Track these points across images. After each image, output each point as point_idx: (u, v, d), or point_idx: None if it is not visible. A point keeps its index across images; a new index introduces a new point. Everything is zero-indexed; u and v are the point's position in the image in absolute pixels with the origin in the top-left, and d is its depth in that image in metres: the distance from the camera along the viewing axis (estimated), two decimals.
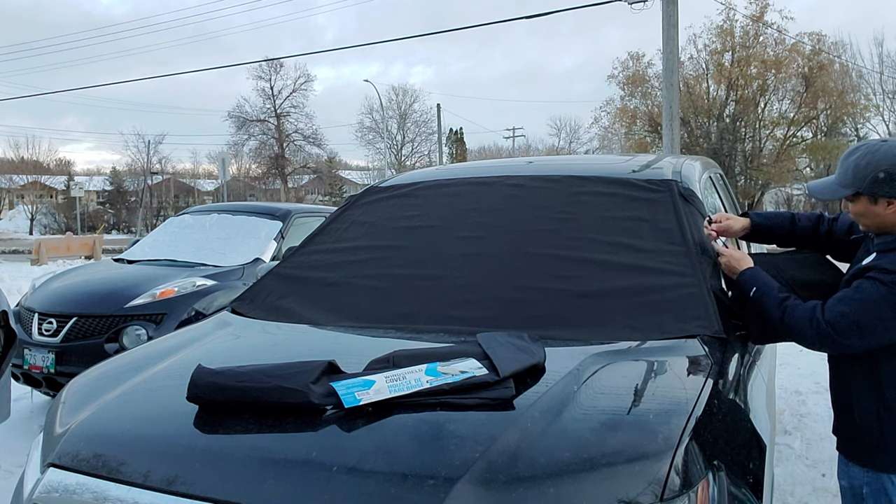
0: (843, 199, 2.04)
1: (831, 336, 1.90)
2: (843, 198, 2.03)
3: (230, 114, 43.98)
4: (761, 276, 2.11)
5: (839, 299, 1.93)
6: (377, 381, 1.60)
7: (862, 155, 1.96)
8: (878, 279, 1.88)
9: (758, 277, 2.11)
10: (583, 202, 2.55)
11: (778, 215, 2.46)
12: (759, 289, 2.07)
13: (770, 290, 2.06)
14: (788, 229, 2.41)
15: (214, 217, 6.26)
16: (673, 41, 13.43)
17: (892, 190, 1.91)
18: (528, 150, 53.45)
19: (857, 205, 1.99)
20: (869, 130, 34.78)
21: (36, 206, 46.40)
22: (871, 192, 1.93)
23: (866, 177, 1.93)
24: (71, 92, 45.48)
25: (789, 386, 5.13)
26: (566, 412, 1.52)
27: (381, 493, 1.31)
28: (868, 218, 1.99)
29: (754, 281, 2.10)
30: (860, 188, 1.95)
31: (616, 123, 35.67)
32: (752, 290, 2.09)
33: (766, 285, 2.08)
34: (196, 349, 2.10)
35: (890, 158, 1.91)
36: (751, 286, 2.09)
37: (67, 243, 19.83)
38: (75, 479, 1.53)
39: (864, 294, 1.88)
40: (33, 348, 4.62)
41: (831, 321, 1.90)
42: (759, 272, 2.12)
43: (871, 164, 1.93)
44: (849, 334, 1.89)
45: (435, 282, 2.35)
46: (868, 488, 2.00)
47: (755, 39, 31.32)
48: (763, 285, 2.08)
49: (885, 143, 1.97)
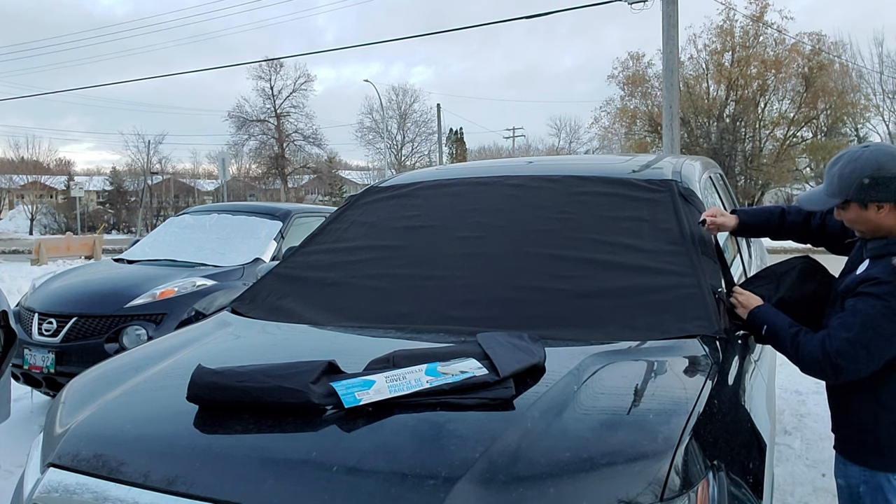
0: (835, 208, 2.04)
1: (842, 366, 1.89)
2: (834, 207, 2.03)
3: (230, 114, 44.00)
4: (771, 313, 2.09)
5: (840, 325, 1.91)
6: (377, 381, 1.60)
7: (845, 163, 1.97)
8: (870, 293, 1.88)
9: (768, 314, 2.09)
10: (583, 202, 2.55)
11: (765, 211, 2.48)
12: (769, 327, 2.06)
13: (781, 327, 2.03)
14: (777, 223, 2.42)
15: (214, 217, 6.26)
16: (673, 41, 13.44)
17: (879, 194, 1.91)
18: (528, 150, 53.44)
19: (848, 212, 2.00)
20: (869, 130, 34.78)
21: (36, 206, 46.40)
22: (860, 198, 1.94)
23: (852, 184, 1.94)
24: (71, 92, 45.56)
25: (789, 386, 5.13)
26: (566, 412, 1.52)
27: (381, 493, 1.31)
28: (862, 224, 1.99)
29: (765, 319, 2.08)
30: (848, 196, 1.96)
31: (616, 123, 35.69)
32: (763, 328, 2.07)
33: (775, 323, 2.05)
34: (196, 349, 2.10)
35: (872, 164, 1.92)
36: (762, 325, 2.08)
37: (67, 243, 19.83)
38: (75, 479, 1.53)
39: (862, 315, 1.87)
40: (33, 348, 4.62)
41: (840, 351, 1.88)
42: (769, 310, 2.10)
43: (854, 171, 1.94)
44: (858, 359, 1.87)
45: (435, 282, 2.36)
46: (865, 487, 2.00)
47: (755, 39, 31.33)
48: (773, 323, 2.06)
49: (866, 149, 1.98)
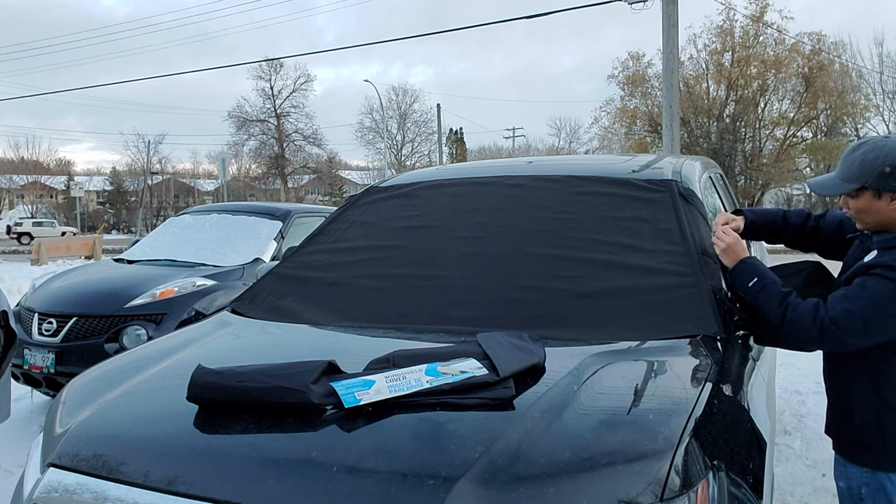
0: (843, 195, 2.01)
1: (835, 334, 1.87)
2: (844, 193, 2.00)
3: (230, 114, 44.08)
4: (762, 267, 2.05)
5: (842, 296, 1.90)
6: (377, 381, 1.60)
7: (869, 149, 1.94)
8: (883, 276, 1.85)
9: (759, 267, 2.04)
10: (583, 202, 2.55)
11: (770, 212, 2.45)
12: (759, 280, 2.01)
13: (772, 283, 1.99)
14: (780, 226, 2.39)
15: (214, 217, 6.26)
16: (673, 41, 13.43)
17: None
18: (528, 150, 53.47)
19: (859, 200, 1.97)
20: (869, 130, 34.79)
21: (36, 206, 46.43)
22: (878, 186, 1.91)
23: (873, 171, 1.91)
24: (71, 92, 45.59)
25: (789, 386, 5.13)
26: (566, 412, 1.52)
27: (381, 493, 1.31)
28: (870, 214, 1.97)
29: (755, 271, 2.03)
30: (866, 182, 1.93)
31: (616, 123, 35.72)
32: (753, 279, 2.02)
33: (766, 277, 2.01)
34: (196, 349, 2.10)
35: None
36: (751, 276, 2.02)
37: (67, 243, 19.84)
38: (75, 479, 1.52)
39: (871, 290, 1.85)
40: (33, 348, 4.62)
41: (836, 319, 1.86)
42: (760, 262, 2.06)
43: (878, 159, 1.91)
44: (854, 332, 1.86)
45: (435, 282, 2.35)
46: (867, 488, 1.99)
47: (755, 39, 31.36)
48: (763, 276, 2.01)
49: (890, 139, 1.96)
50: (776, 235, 2.42)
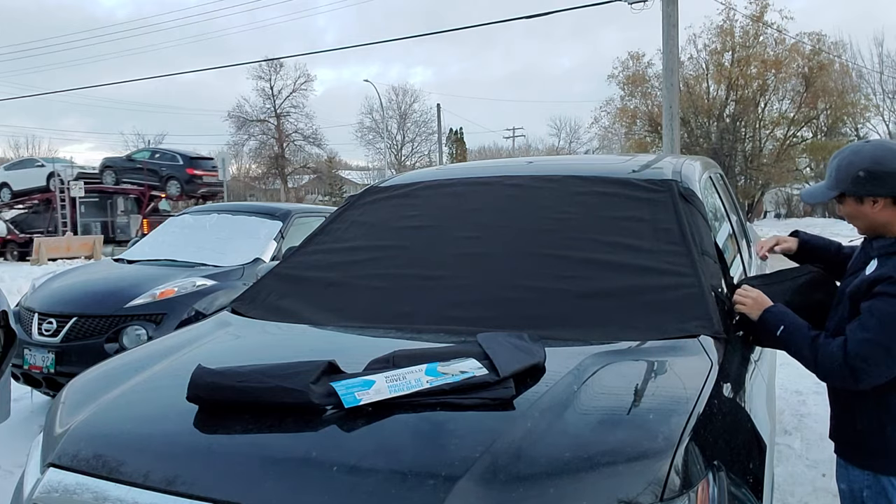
0: (836, 202, 2.03)
1: (861, 368, 1.83)
2: (828, 201, 2.03)
3: (230, 114, 43.99)
4: (789, 314, 2.01)
5: (857, 327, 1.86)
6: (377, 381, 1.60)
7: (844, 156, 1.97)
8: (886, 293, 1.83)
9: (787, 315, 2.00)
10: (583, 202, 2.55)
11: (825, 240, 2.42)
12: (786, 328, 1.98)
13: (800, 329, 1.96)
14: (832, 255, 2.34)
15: (214, 217, 6.26)
16: (673, 41, 13.45)
17: (875, 188, 1.91)
18: (528, 150, 53.50)
19: (845, 206, 2.00)
20: (869, 130, 34.80)
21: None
22: (854, 191, 1.94)
23: (848, 177, 1.94)
24: (71, 92, 45.43)
25: (789, 386, 5.13)
26: (566, 412, 1.52)
27: (381, 493, 1.31)
28: (859, 219, 1.99)
29: (783, 319, 2.00)
30: (844, 189, 1.96)
31: (616, 123, 35.75)
32: (780, 328, 1.99)
33: (793, 323, 1.98)
34: (196, 349, 2.10)
35: (869, 158, 1.91)
36: (778, 325, 2.00)
37: (67, 243, 19.83)
38: (75, 479, 1.53)
39: (881, 314, 1.82)
40: (33, 348, 4.62)
41: (858, 352, 1.83)
42: (786, 310, 2.02)
43: (852, 165, 1.94)
44: (878, 360, 1.82)
45: (435, 282, 2.35)
46: (868, 491, 1.99)
47: (755, 39, 31.35)
48: (790, 323, 1.98)
49: (867, 143, 1.98)
50: (826, 263, 2.34)
